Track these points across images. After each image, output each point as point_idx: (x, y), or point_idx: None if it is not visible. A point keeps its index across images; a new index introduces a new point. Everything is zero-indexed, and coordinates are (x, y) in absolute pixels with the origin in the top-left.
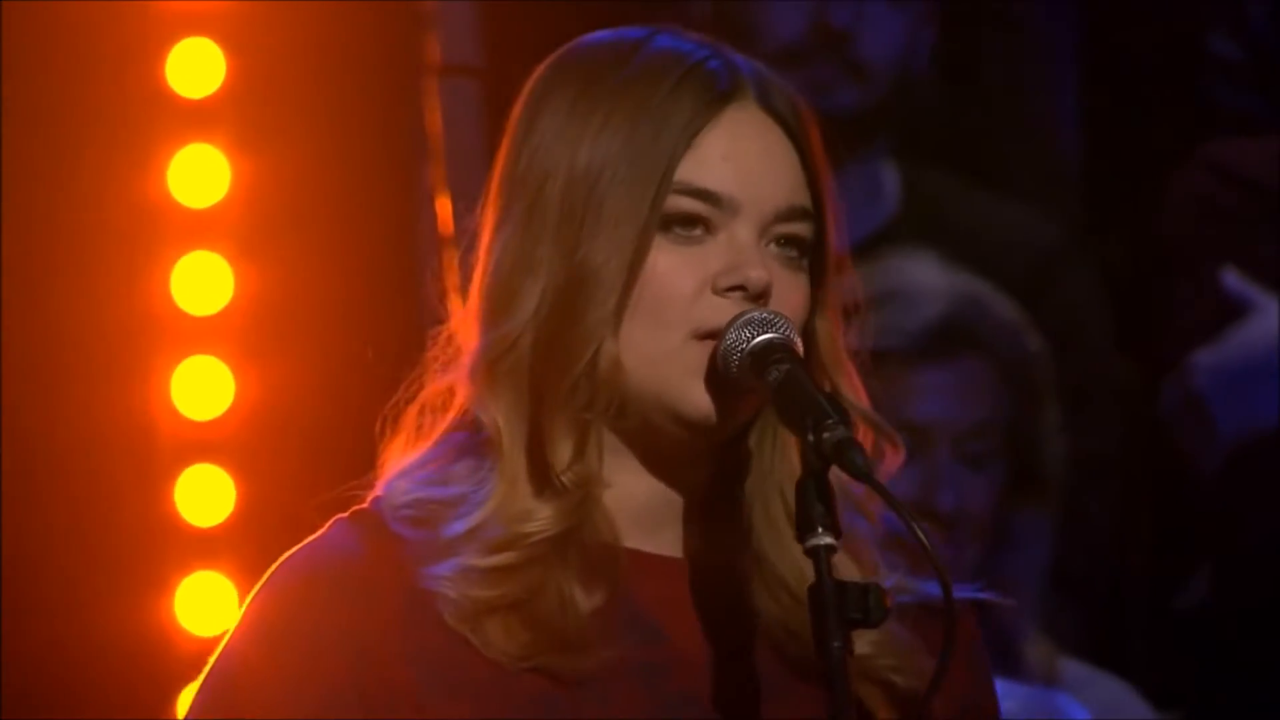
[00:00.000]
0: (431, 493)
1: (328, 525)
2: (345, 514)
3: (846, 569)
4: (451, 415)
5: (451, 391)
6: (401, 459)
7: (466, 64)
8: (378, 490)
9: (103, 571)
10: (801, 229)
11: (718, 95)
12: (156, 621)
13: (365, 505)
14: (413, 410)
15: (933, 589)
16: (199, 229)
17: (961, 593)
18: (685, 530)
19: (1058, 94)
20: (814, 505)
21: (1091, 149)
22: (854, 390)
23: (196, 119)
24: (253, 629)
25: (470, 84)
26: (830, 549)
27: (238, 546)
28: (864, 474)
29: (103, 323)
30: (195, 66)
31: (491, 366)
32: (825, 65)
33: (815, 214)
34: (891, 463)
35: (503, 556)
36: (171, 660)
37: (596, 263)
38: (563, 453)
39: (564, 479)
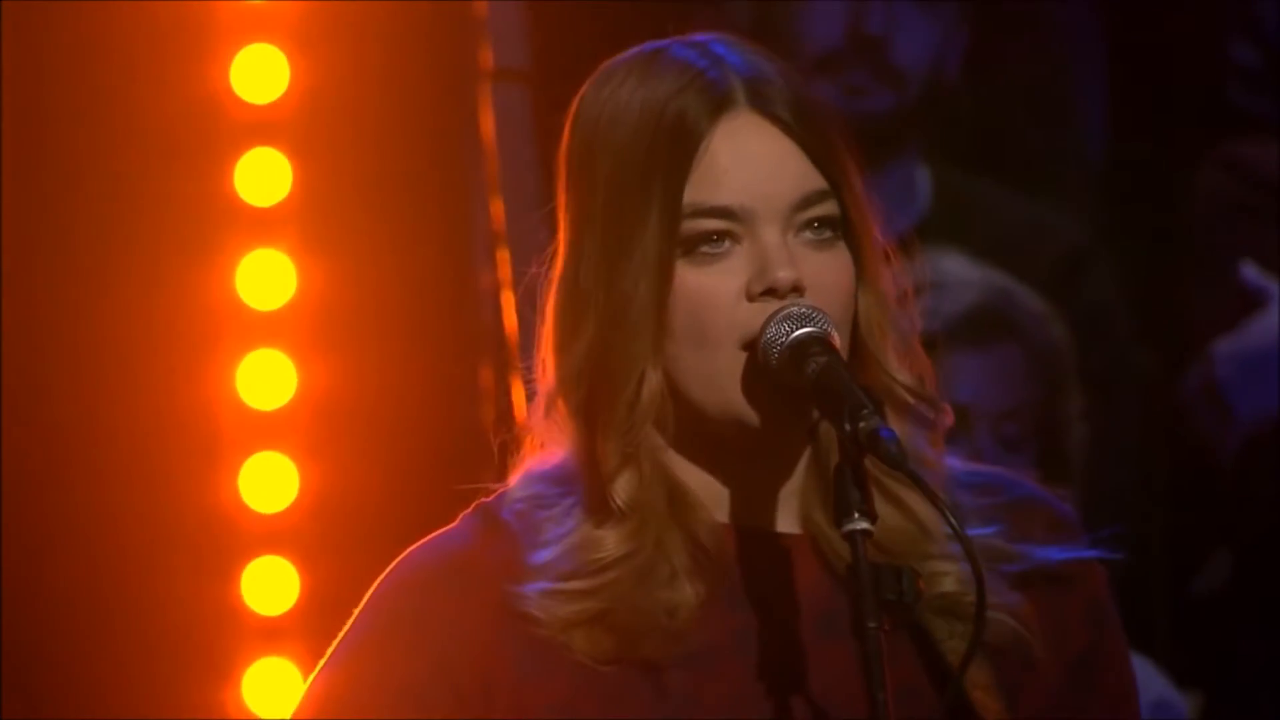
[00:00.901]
0: (542, 493)
1: (458, 520)
2: (470, 509)
3: (915, 543)
4: (559, 435)
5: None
6: (528, 463)
7: (517, 69)
8: (507, 485)
9: (167, 559)
10: (823, 210)
11: (709, 110)
12: (224, 599)
13: (489, 500)
14: (533, 427)
15: (1048, 554)
16: (263, 227)
17: (1088, 554)
18: (771, 507)
19: (1084, 98)
20: (850, 492)
21: (1115, 149)
22: (898, 355)
23: (260, 123)
24: (367, 616)
25: (520, 88)
26: (866, 533)
27: (299, 533)
28: (897, 462)
29: (170, 318)
30: (259, 73)
31: (561, 404)
32: (861, 70)
33: (835, 190)
34: (941, 425)
35: (575, 583)
36: (238, 637)
37: (629, 296)
38: (614, 476)
39: (620, 502)
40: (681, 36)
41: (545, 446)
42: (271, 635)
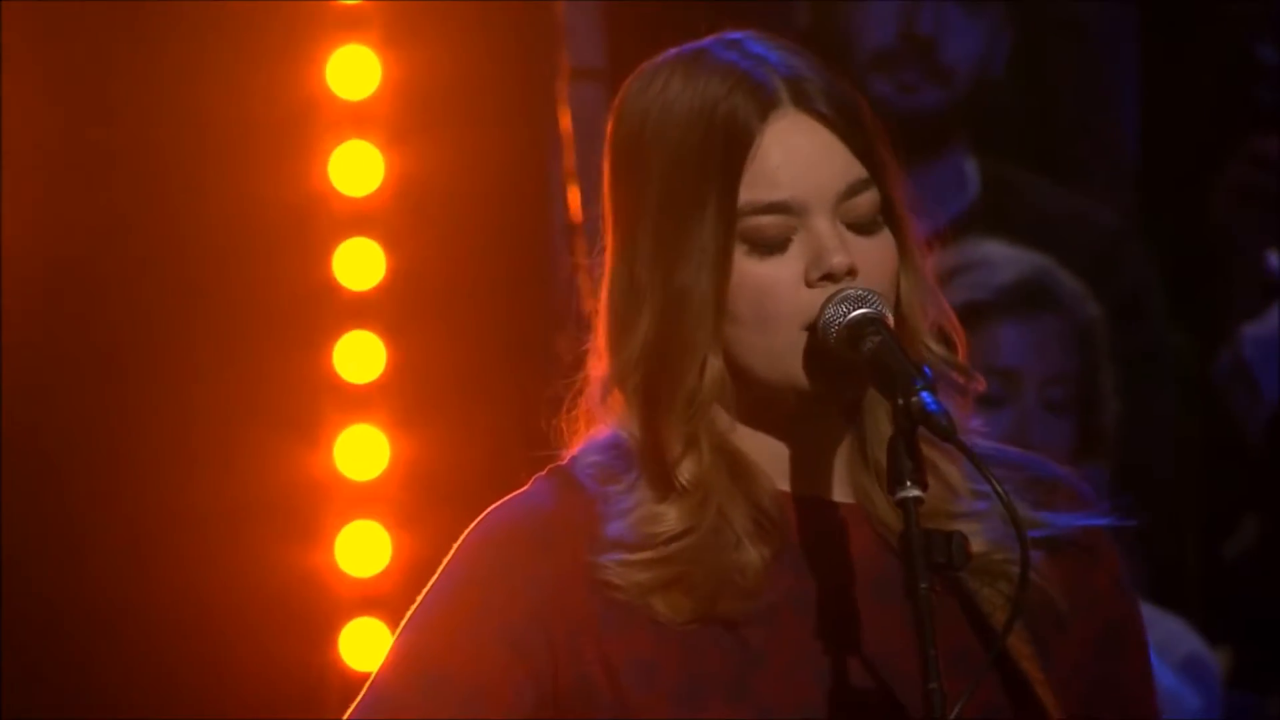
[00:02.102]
0: (606, 461)
1: (530, 482)
2: (543, 472)
3: (942, 503)
4: (607, 422)
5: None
6: (586, 435)
7: (592, 68)
8: (572, 452)
9: (269, 526)
10: (867, 198)
11: (758, 111)
12: (317, 565)
13: (563, 464)
14: (587, 404)
15: (1066, 521)
16: (356, 216)
17: (1098, 521)
18: (830, 475)
19: (1119, 94)
20: (904, 462)
21: (1149, 143)
22: (935, 328)
23: (353, 118)
24: (452, 570)
25: (595, 86)
26: (918, 500)
27: (391, 497)
28: (947, 434)
29: (269, 302)
30: (353, 71)
31: (618, 389)
32: (912, 69)
33: (875, 178)
34: (972, 392)
35: (646, 553)
36: (331, 601)
37: (688, 288)
38: (678, 459)
39: (683, 481)
40: (717, 35)
41: (595, 422)
42: (365, 597)
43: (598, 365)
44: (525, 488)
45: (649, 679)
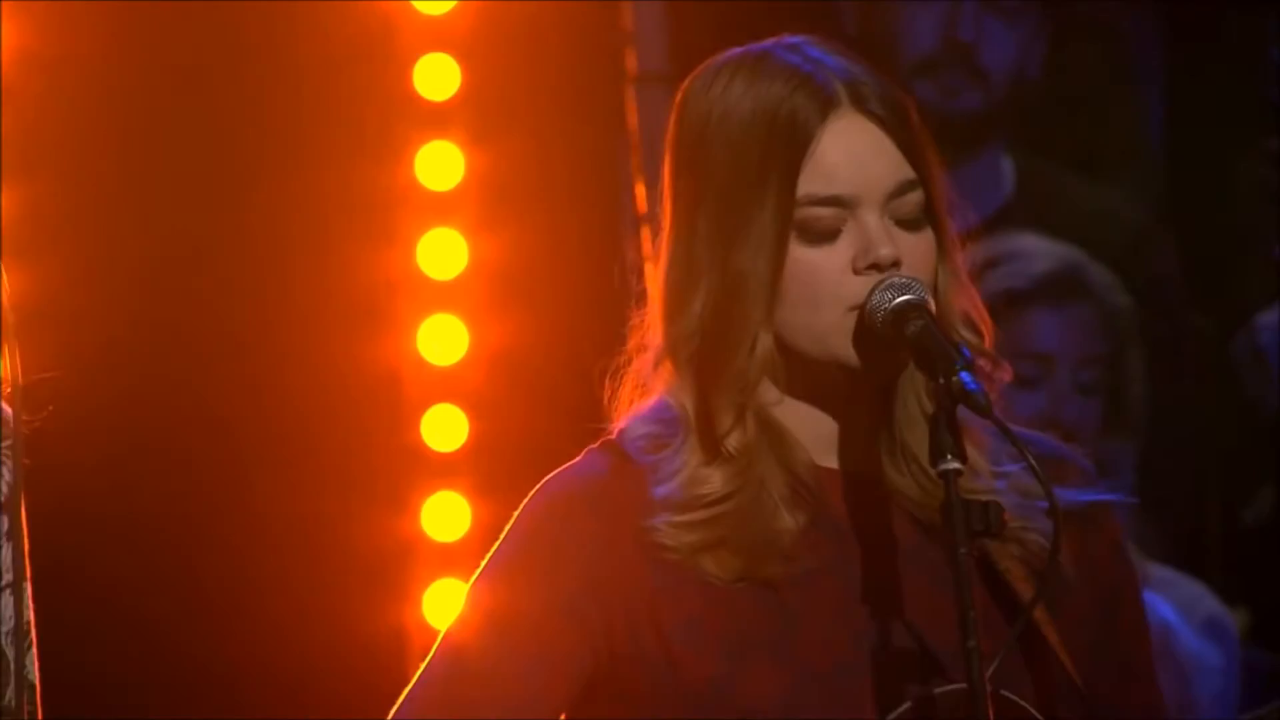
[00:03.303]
0: (656, 430)
1: (582, 454)
2: (595, 444)
3: (966, 480)
4: (657, 389)
5: (651, 370)
6: (632, 408)
7: (657, 71)
8: (620, 425)
9: (358, 495)
10: (913, 197)
11: (818, 111)
12: (403, 534)
13: (611, 437)
14: (634, 374)
15: (1073, 496)
16: (440, 209)
17: (1107, 496)
18: (864, 450)
19: (1145, 97)
20: (945, 437)
21: (1174, 143)
22: (966, 319)
23: (437, 118)
24: (515, 536)
25: (660, 88)
26: (957, 472)
27: (472, 470)
28: (985, 411)
29: (360, 287)
30: (436, 76)
31: (671, 360)
32: (953, 73)
33: (921, 179)
34: (1000, 379)
35: (691, 514)
36: (416, 564)
37: (746, 271)
38: (726, 427)
39: (729, 448)
40: (778, 40)
41: (646, 391)
42: (447, 560)
43: (652, 336)
44: (578, 459)
45: (696, 639)
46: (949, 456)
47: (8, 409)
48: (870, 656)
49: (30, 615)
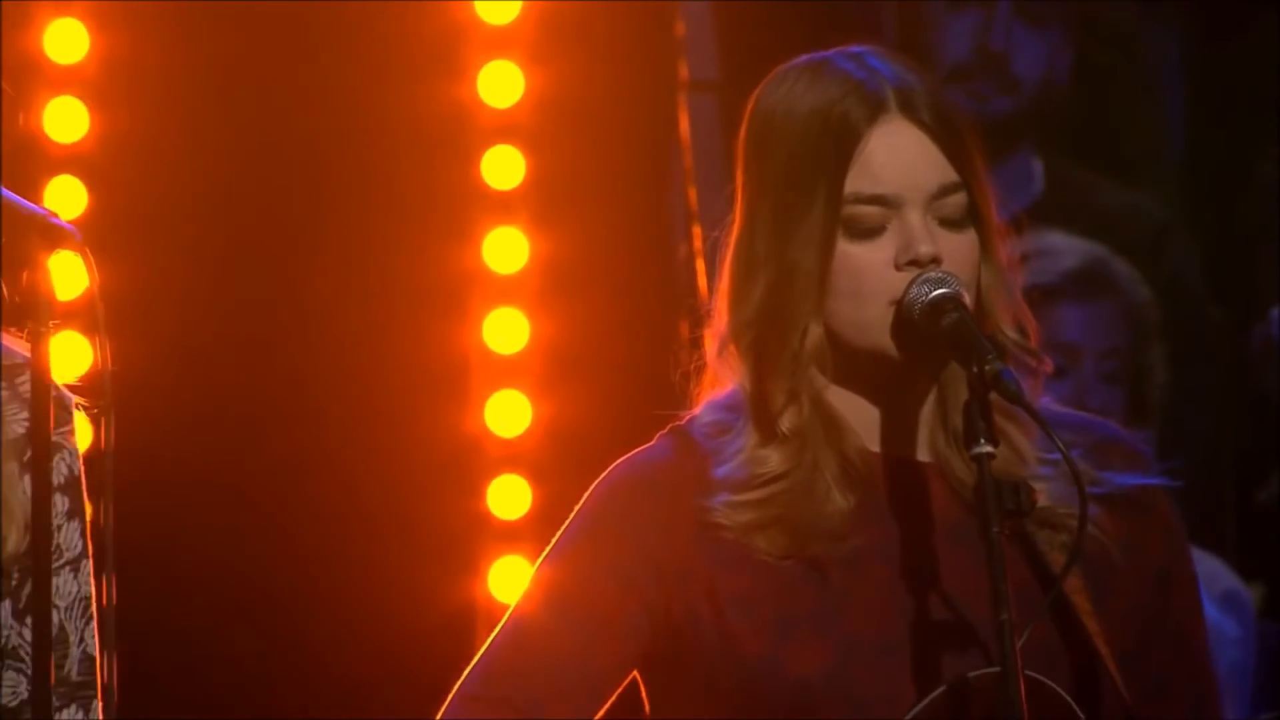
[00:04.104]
0: (723, 417)
1: (656, 438)
2: (666, 429)
3: (1012, 466)
4: (728, 372)
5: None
6: (708, 395)
7: (708, 80)
8: (693, 412)
9: (428, 477)
10: (956, 199)
11: (867, 115)
12: (470, 511)
13: (682, 424)
14: (709, 362)
15: (1124, 480)
16: (503, 208)
17: (1155, 480)
18: (909, 436)
19: (1166, 101)
20: (978, 422)
21: (1194, 146)
22: (1012, 317)
23: (501, 124)
24: (581, 517)
25: (711, 96)
26: (989, 456)
27: (534, 454)
28: (1016, 398)
29: (428, 282)
30: (500, 84)
31: (733, 346)
32: (985, 80)
33: (965, 182)
34: (1042, 373)
35: (749, 494)
36: (482, 541)
37: (797, 263)
38: (781, 410)
39: (784, 429)
40: (841, 49)
41: (719, 379)
42: (510, 538)
43: (717, 323)
44: (649, 444)
45: (748, 613)
46: (981, 441)
47: (68, 394)
48: (913, 632)
49: (91, 590)
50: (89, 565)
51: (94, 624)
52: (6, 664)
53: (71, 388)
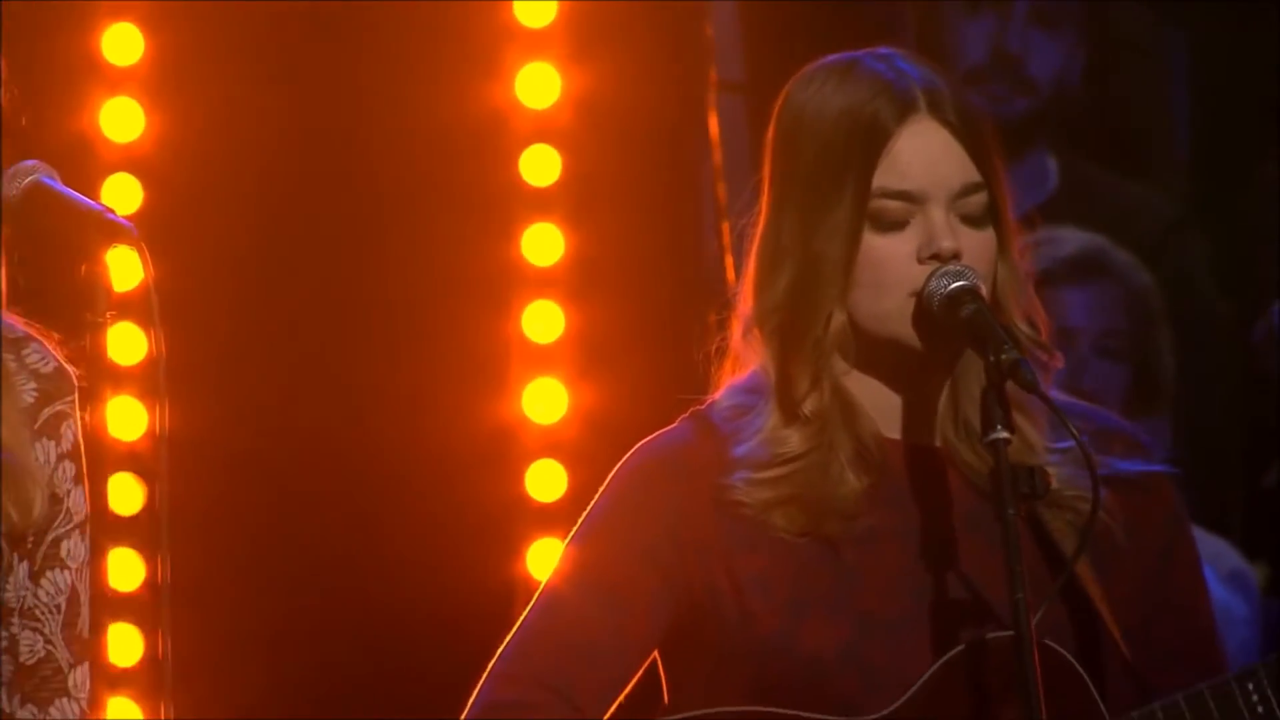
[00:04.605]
0: (742, 401)
1: (677, 422)
2: (688, 413)
3: (1022, 453)
4: (752, 355)
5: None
6: (729, 379)
7: (735, 81)
8: (713, 397)
9: (471, 462)
10: (977, 198)
11: (897, 114)
12: (508, 495)
13: (702, 408)
14: (733, 346)
15: (1127, 466)
16: (540, 204)
17: (1157, 467)
18: (925, 423)
19: (1174, 104)
20: (995, 409)
21: (1200, 144)
22: (1024, 313)
23: (538, 124)
24: (606, 499)
25: (738, 96)
26: (1006, 441)
27: (572, 439)
28: (1032, 387)
29: (467, 276)
30: (537, 85)
31: (758, 330)
32: (1002, 82)
33: (987, 182)
34: (1053, 366)
35: (769, 472)
36: (520, 523)
37: (824, 255)
38: (803, 392)
39: (805, 411)
40: (870, 50)
41: (741, 363)
42: (547, 520)
43: (742, 309)
44: (669, 427)
45: (765, 591)
46: (998, 427)
47: (72, 369)
48: (924, 609)
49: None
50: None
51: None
52: (24, 624)
53: (126, 372)
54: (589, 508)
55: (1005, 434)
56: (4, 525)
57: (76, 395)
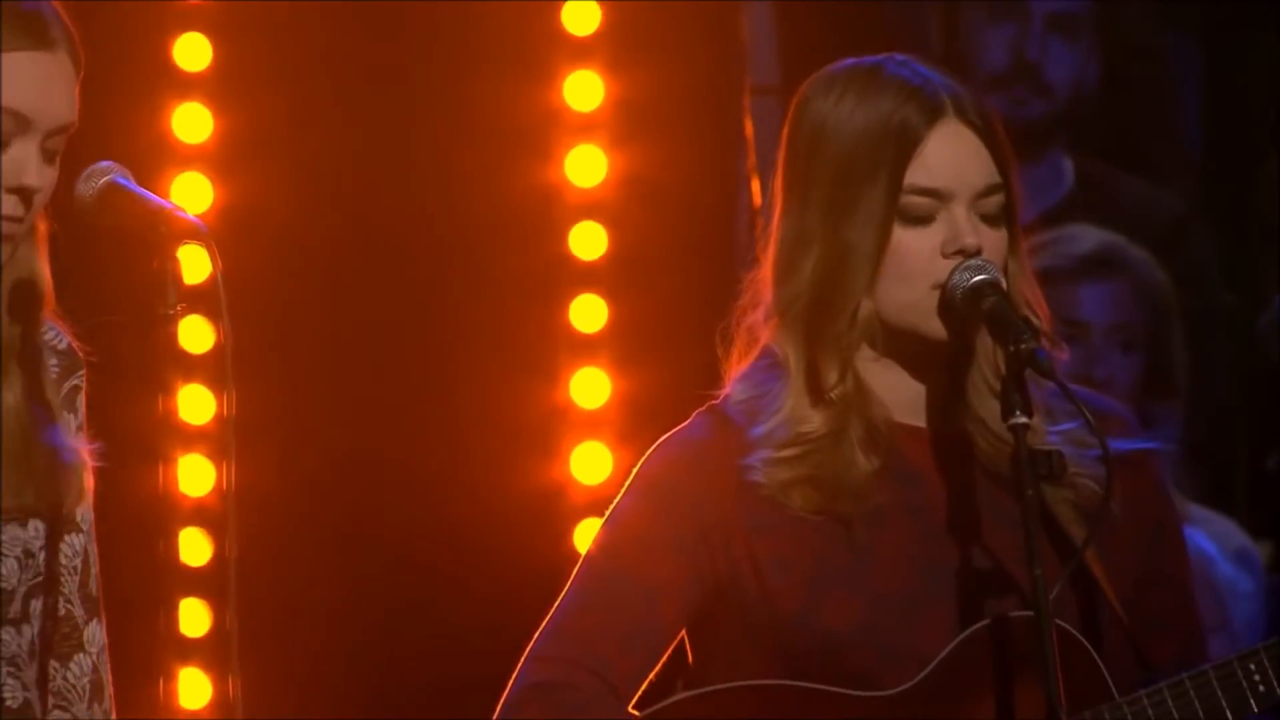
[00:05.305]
0: (755, 393)
1: (691, 417)
2: (703, 408)
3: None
4: (764, 339)
5: (761, 323)
6: (736, 367)
7: (770, 85)
8: (724, 391)
9: (520, 440)
10: (996, 198)
11: (927, 118)
12: (556, 477)
13: (716, 402)
14: (741, 332)
15: (1119, 445)
16: (586, 203)
17: (1148, 444)
18: (936, 408)
19: (1184, 107)
20: (1014, 395)
21: (1209, 143)
22: (1031, 306)
23: (583, 126)
24: (634, 488)
25: (772, 99)
26: (1025, 426)
27: (614, 423)
28: (1049, 374)
29: (520, 269)
30: (583, 89)
31: (780, 316)
32: (1021, 87)
33: (1005, 183)
34: (1059, 356)
35: (791, 450)
36: (567, 505)
37: (855, 245)
38: (833, 380)
39: (831, 395)
40: (889, 55)
41: (748, 350)
42: (593, 501)
43: (763, 295)
44: (685, 422)
45: (785, 570)
46: (1018, 412)
47: (77, 344)
48: (937, 586)
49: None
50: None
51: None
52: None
53: (195, 360)
54: (616, 501)
55: (1025, 419)
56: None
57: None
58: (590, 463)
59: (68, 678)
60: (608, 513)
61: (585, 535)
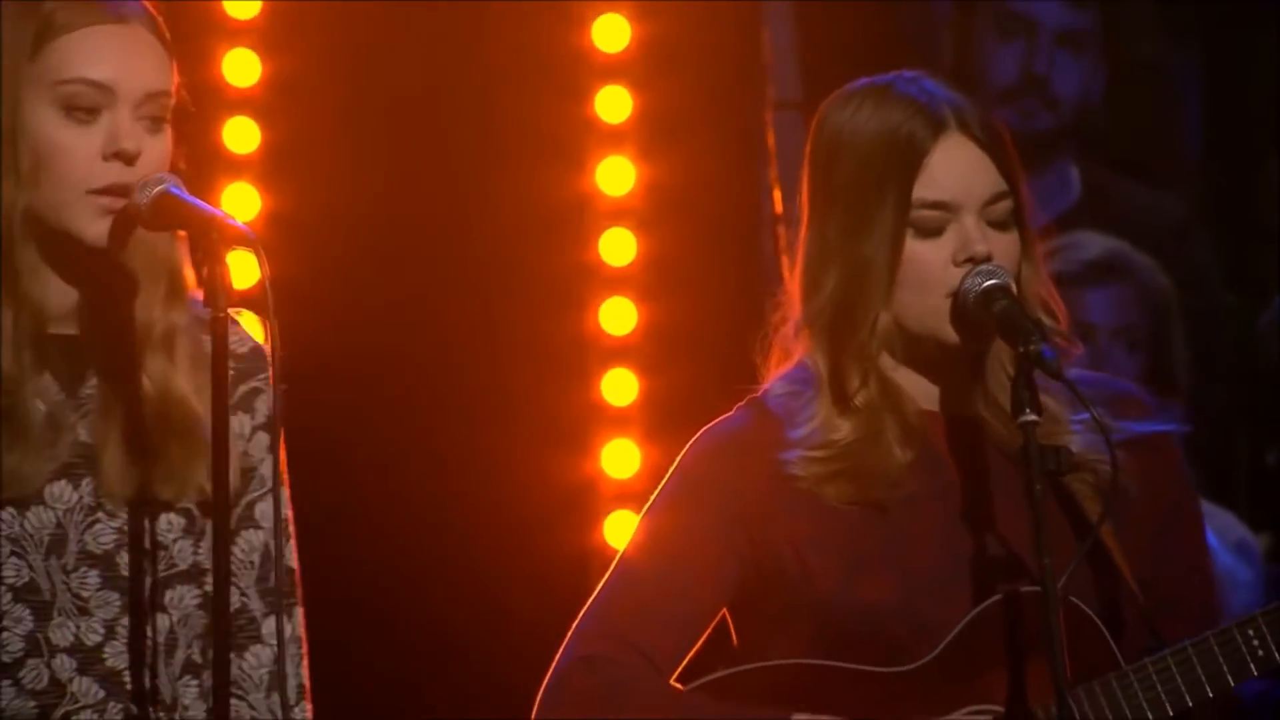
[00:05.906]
0: (793, 388)
1: (734, 409)
2: (744, 401)
3: (1049, 426)
4: (797, 351)
5: (792, 336)
6: (777, 370)
7: (791, 100)
8: (765, 385)
9: (552, 437)
10: (1004, 205)
11: (931, 132)
12: (587, 471)
13: (757, 395)
14: (776, 344)
15: (1139, 427)
16: (615, 211)
17: (1166, 427)
18: (960, 400)
19: (1186, 117)
20: (1024, 393)
21: (1210, 150)
22: (1044, 305)
23: (613, 138)
24: (676, 477)
25: (794, 113)
26: (1034, 423)
27: (643, 421)
28: (1057, 374)
29: (551, 274)
30: (612, 103)
31: (808, 329)
32: (1030, 100)
33: (1011, 190)
34: (1071, 355)
35: (823, 451)
36: (597, 497)
37: (871, 260)
38: (855, 387)
39: (856, 402)
40: (898, 73)
41: (787, 357)
42: (622, 495)
43: (791, 310)
44: (728, 414)
45: (823, 554)
46: (1027, 410)
47: (266, 347)
48: (965, 564)
49: (289, 513)
50: (286, 492)
51: (292, 541)
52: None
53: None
54: (660, 485)
55: (1034, 417)
56: (198, 496)
57: (271, 371)
58: (620, 458)
59: (243, 667)
60: (653, 497)
61: (614, 526)
